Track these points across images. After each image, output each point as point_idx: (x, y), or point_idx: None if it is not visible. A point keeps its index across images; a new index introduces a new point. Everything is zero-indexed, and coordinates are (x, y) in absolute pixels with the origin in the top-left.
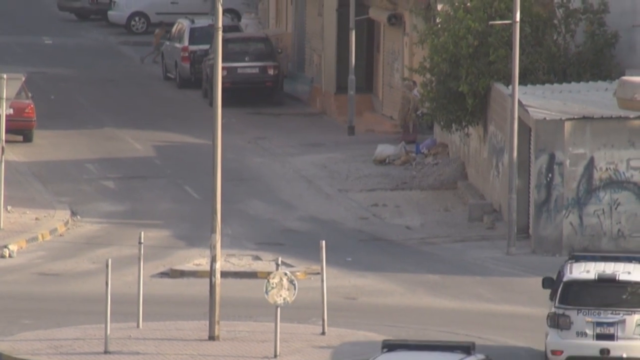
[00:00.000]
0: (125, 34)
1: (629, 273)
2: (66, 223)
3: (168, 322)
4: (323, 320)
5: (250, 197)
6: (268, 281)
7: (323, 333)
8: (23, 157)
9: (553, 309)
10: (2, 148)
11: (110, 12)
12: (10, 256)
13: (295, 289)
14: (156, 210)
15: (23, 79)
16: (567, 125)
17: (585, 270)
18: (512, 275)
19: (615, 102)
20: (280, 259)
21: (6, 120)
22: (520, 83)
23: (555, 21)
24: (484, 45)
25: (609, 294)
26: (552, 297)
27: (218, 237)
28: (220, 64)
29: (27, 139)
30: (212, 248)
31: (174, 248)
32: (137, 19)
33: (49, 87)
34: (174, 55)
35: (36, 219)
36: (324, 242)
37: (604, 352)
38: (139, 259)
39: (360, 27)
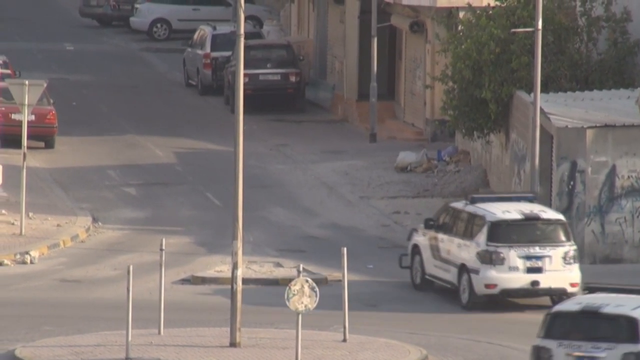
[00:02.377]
0: (147, 41)
1: (545, 212)
2: (87, 229)
3: (189, 329)
4: (344, 327)
5: (271, 204)
6: (289, 288)
7: (344, 340)
8: (44, 163)
9: (484, 247)
10: (24, 154)
11: (132, 19)
12: (31, 262)
13: (316, 296)
14: (177, 217)
15: (45, 85)
16: (589, 133)
17: (506, 211)
18: None
19: (637, 110)
20: (301, 266)
21: (28, 127)
22: (542, 91)
23: (578, 29)
24: (506, 53)
25: (535, 231)
26: (464, 236)
27: (239, 243)
28: (242, 71)
29: (49, 145)
30: (234, 255)
31: (196, 255)
32: (159, 25)
33: (71, 94)
34: (195, 62)
35: (57, 225)
36: (345, 249)
37: (535, 283)
38: (161, 265)
39: (382, 35)
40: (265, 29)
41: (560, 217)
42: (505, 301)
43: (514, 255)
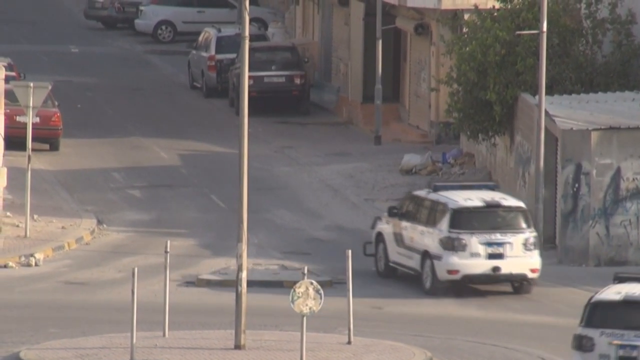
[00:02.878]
0: (152, 43)
1: (506, 199)
2: (92, 232)
3: (194, 331)
4: (349, 330)
5: (276, 207)
6: (294, 290)
7: (349, 342)
8: (49, 165)
9: (446, 233)
10: (29, 157)
11: (137, 21)
12: (36, 265)
13: (321, 298)
14: (182, 219)
15: (49, 87)
16: (594, 136)
17: (468, 198)
18: (539, 285)
19: None
20: (306, 268)
21: (33, 129)
22: (547, 93)
23: (583, 31)
24: (511, 55)
25: (496, 218)
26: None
27: (244, 246)
28: (247, 73)
29: (54, 147)
30: (238, 257)
31: (200, 257)
32: (163, 27)
33: (75, 96)
34: (200, 64)
35: (62, 227)
36: (350, 251)
37: (496, 269)
38: (165, 267)
39: (387, 37)
40: (270, 31)
41: (521, 204)
42: (508, 303)
43: (475, 242)
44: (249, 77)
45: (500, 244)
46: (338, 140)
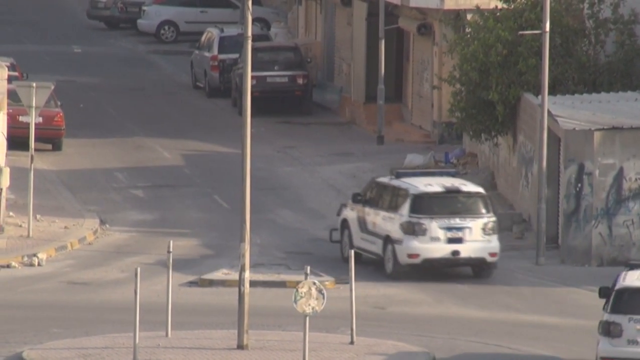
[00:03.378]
0: (154, 43)
1: (466, 185)
2: (95, 232)
3: (197, 331)
4: (352, 330)
5: (279, 207)
6: (297, 290)
7: (352, 342)
8: (52, 165)
9: (407, 218)
10: (32, 157)
11: (139, 21)
12: (39, 265)
13: (324, 298)
14: (185, 219)
15: (52, 87)
16: (597, 136)
17: (428, 184)
18: (541, 285)
19: None
20: (309, 269)
21: (35, 129)
22: (550, 93)
23: (586, 31)
24: (513, 55)
25: (455, 204)
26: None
27: (247, 246)
28: (249, 73)
29: (56, 147)
30: (241, 257)
31: (203, 257)
32: (166, 27)
33: (78, 96)
34: (203, 64)
35: (65, 227)
36: (352, 251)
37: (455, 253)
38: (168, 267)
39: (389, 37)
40: (273, 31)
41: (480, 190)
42: (510, 303)
43: (435, 227)
44: (252, 77)
45: (459, 229)
46: (341, 140)
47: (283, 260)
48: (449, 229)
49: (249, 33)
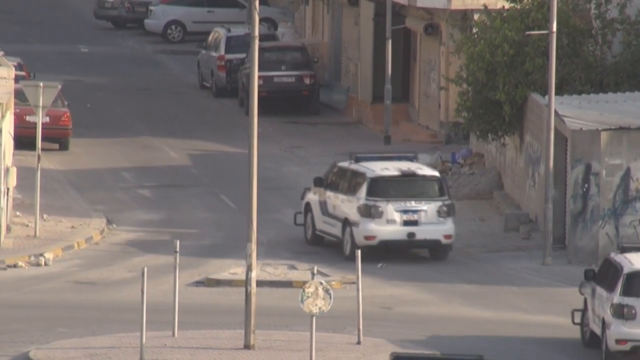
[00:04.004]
0: (161, 43)
1: (422, 169)
2: (102, 231)
3: (204, 331)
4: (358, 330)
5: (285, 206)
6: (303, 290)
7: (358, 342)
8: (59, 165)
9: (363, 201)
10: (38, 156)
11: (146, 21)
12: (46, 264)
13: (330, 298)
14: (192, 219)
15: (59, 87)
16: (604, 136)
17: (385, 168)
18: (548, 285)
19: None
20: (315, 268)
21: (42, 129)
22: (557, 93)
23: (593, 32)
24: (520, 55)
25: (411, 187)
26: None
27: (254, 246)
28: (256, 73)
29: (63, 147)
30: (248, 257)
31: (210, 257)
32: (173, 27)
33: (85, 96)
34: (210, 64)
35: (72, 227)
36: (359, 251)
37: (411, 235)
38: (175, 267)
39: (396, 37)
40: (280, 31)
41: (436, 173)
42: (517, 303)
43: (391, 209)
44: (259, 77)
45: (415, 211)
46: (348, 140)
47: (289, 260)
48: (405, 211)
49: (256, 33)
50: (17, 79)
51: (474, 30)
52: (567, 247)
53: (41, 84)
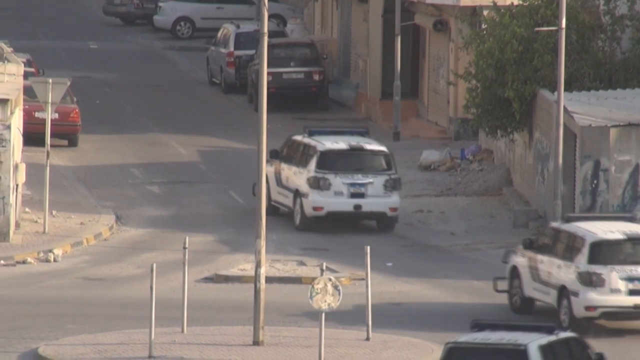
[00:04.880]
0: (170, 39)
1: (370, 144)
2: (111, 228)
3: (212, 327)
4: (367, 326)
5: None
6: (312, 287)
7: (367, 339)
8: (68, 161)
9: (313, 173)
10: (48, 152)
11: (155, 17)
12: (55, 260)
13: (339, 294)
14: (201, 215)
15: (68, 83)
16: (613, 132)
17: (335, 142)
18: None
19: None
20: (324, 265)
21: (51, 125)
22: (566, 89)
23: (602, 28)
24: (529, 51)
25: (359, 161)
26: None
27: (263, 242)
28: (265, 69)
29: (72, 143)
30: (257, 253)
31: (219, 253)
32: (182, 23)
33: (94, 92)
34: (219, 61)
35: (81, 223)
36: (368, 247)
37: (357, 207)
38: (184, 263)
39: (405, 33)
40: (289, 27)
41: (383, 148)
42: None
43: (339, 182)
44: (268, 74)
45: (362, 185)
46: None
47: (299, 256)
48: (352, 184)
49: (265, 29)
50: (26, 75)
51: (483, 27)
52: None
53: (50, 81)
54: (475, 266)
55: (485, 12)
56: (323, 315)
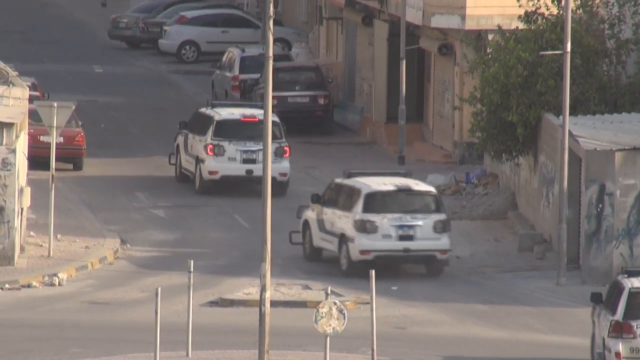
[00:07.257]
0: (175, 63)
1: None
2: (116, 251)
3: (217, 351)
4: (372, 350)
5: (300, 226)
6: (317, 310)
7: None
8: (73, 185)
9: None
10: (52, 176)
11: (161, 41)
12: (59, 284)
13: (344, 318)
14: (206, 239)
15: (73, 107)
16: (618, 156)
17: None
18: (562, 305)
19: None
20: (329, 289)
21: (56, 149)
22: (571, 114)
23: (607, 52)
24: (533, 76)
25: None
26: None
27: (268, 266)
28: (270, 93)
29: (77, 167)
30: (262, 277)
31: (224, 277)
32: (187, 47)
33: (99, 116)
34: (224, 84)
35: (86, 247)
36: (373, 271)
37: (249, 172)
38: (189, 287)
39: (410, 57)
40: (294, 51)
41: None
42: (530, 323)
43: (232, 149)
44: (273, 97)
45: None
46: (362, 160)
47: (304, 280)
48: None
49: (270, 53)
50: (31, 99)
51: (488, 51)
52: (581, 267)
53: (55, 104)
54: (480, 290)
55: (490, 36)
56: (328, 339)
